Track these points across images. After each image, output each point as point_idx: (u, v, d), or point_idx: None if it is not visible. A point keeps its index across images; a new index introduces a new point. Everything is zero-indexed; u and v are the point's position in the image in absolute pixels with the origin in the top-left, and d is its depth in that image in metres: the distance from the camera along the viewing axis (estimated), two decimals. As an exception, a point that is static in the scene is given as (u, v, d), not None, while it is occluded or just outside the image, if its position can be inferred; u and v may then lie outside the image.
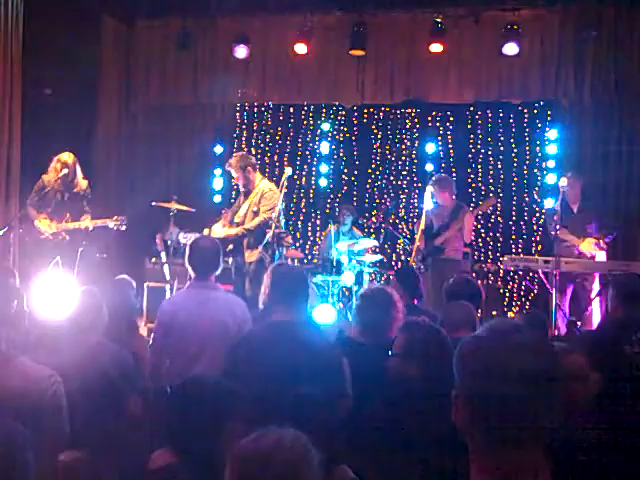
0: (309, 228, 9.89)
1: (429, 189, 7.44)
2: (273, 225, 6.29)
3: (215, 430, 2.19)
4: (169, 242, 7.73)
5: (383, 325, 3.54)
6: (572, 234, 6.99)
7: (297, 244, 9.38)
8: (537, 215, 9.04)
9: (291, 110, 9.90)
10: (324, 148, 9.84)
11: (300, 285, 3.29)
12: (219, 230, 6.61)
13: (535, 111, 9.12)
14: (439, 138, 9.48)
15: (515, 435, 1.36)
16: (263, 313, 3.61)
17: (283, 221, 6.84)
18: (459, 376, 1.43)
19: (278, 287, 3.32)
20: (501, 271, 8.59)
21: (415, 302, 4.92)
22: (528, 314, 5.41)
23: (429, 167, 9.39)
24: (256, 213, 6.50)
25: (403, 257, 9.14)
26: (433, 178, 7.73)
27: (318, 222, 9.84)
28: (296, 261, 8.38)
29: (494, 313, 7.74)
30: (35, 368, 2.79)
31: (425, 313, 5.04)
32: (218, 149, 9.72)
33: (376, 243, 8.50)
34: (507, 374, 1.34)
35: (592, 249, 6.90)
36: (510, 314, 8.53)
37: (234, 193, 9.49)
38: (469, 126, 9.40)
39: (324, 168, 9.89)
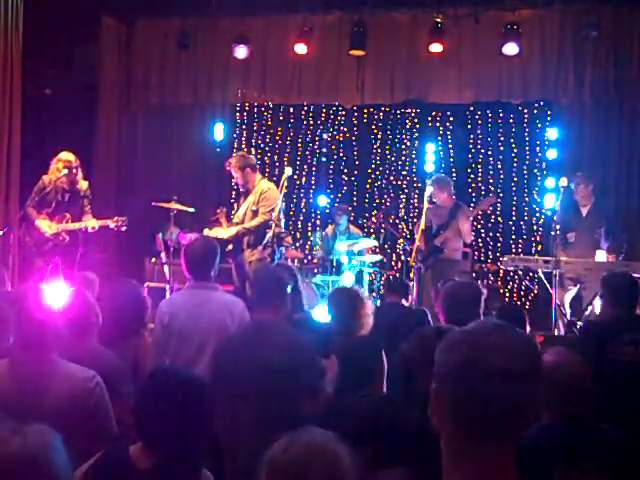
0: (309, 228, 9.89)
1: (428, 189, 7.44)
2: (273, 225, 6.29)
3: (185, 425, 2.16)
4: (169, 242, 7.72)
5: (350, 322, 3.62)
6: (579, 239, 6.97)
7: (297, 244, 9.38)
8: (537, 215, 9.05)
9: (291, 110, 9.90)
10: (324, 148, 9.83)
11: (275, 286, 3.34)
12: (221, 232, 6.62)
13: (535, 111, 9.12)
14: (439, 138, 9.48)
15: (489, 432, 1.36)
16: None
17: (283, 221, 6.84)
18: (441, 368, 1.43)
19: (256, 288, 3.45)
20: (501, 271, 8.58)
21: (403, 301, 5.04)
22: (504, 309, 5.32)
23: (429, 167, 9.39)
24: (255, 213, 6.50)
25: (403, 257, 9.14)
26: (432, 178, 7.73)
27: (318, 222, 9.84)
28: (296, 261, 8.38)
29: (494, 313, 7.72)
30: (78, 369, 2.78)
31: (412, 311, 5.12)
32: (218, 149, 9.71)
33: (376, 243, 8.51)
34: (489, 371, 1.35)
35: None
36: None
37: (234, 193, 9.50)
38: (469, 126, 9.40)
39: (324, 168, 9.89)
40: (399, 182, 9.67)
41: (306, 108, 9.86)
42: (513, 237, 9.20)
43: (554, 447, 2.56)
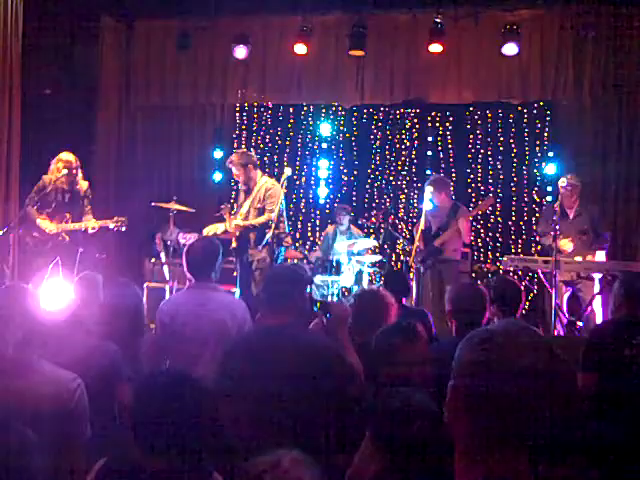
0: (309, 228, 9.89)
1: (428, 189, 7.44)
2: (273, 225, 6.28)
3: (185, 429, 2.12)
4: (169, 242, 7.73)
5: (377, 325, 3.54)
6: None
7: (297, 244, 9.38)
8: (537, 215, 9.04)
9: (291, 110, 9.90)
10: (324, 148, 9.84)
11: (289, 287, 3.10)
12: (220, 228, 6.60)
13: (534, 111, 9.13)
14: (438, 138, 9.49)
15: (506, 431, 1.36)
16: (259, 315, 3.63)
17: (286, 222, 6.83)
18: (461, 366, 1.42)
19: (266, 290, 3.20)
20: (501, 271, 8.57)
21: (403, 301, 4.94)
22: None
23: (428, 167, 9.39)
24: (260, 210, 6.47)
25: (403, 257, 9.14)
26: (430, 179, 7.73)
27: (318, 222, 9.85)
28: (295, 261, 8.38)
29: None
30: (58, 372, 2.75)
31: (413, 311, 5.09)
32: (217, 150, 9.71)
33: (375, 243, 8.51)
34: (510, 371, 1.35)
35: (569, 247, 6.89)
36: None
37: (233, 193, 9.50)
38: (468, 126, 9.40)
39: (323, 168, 9.89)
40: (399, 182, 9.67)
41: (306, 108, 9.87)
42: (513, 237, 9.20)
43: (540, 439, 2.55)
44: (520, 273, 8.55)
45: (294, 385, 2.73)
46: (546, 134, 9.08)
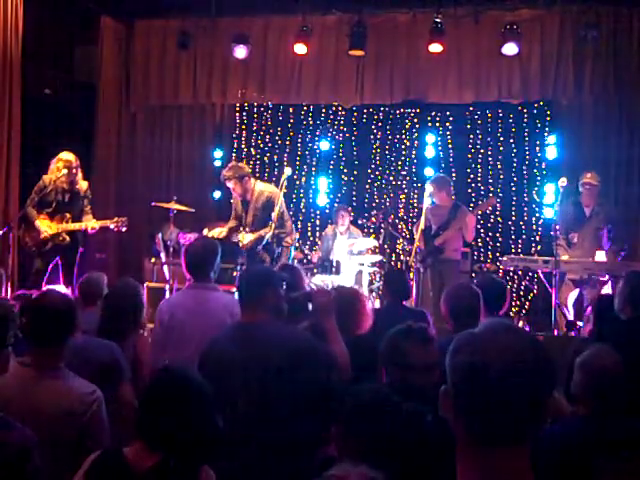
0: (309, 228, 9.89)
1: (428, 189, 7.44)
2: (273, 226, 6.29)
3: (188, 424, 2.15)
4: (168, 242, 7.73)
5: (348, 323, 3.53)
6: (583, 240, 6.95)
7: (297, 244, 9.38)
8: (537, 215, 9.05)
9: (291, 110, 9.90)
10: (324, 148, 9.84)
11: (260, 287, 3.07)
12: (221, 232, 6.63)
13: (534, 111, 9.13)
14: (438, 138, 9.48)
15: (499, 434, 1.35)
16: None
17: (290, 222, 6.85)
18: (449, 371, 1.41)
19: (238, 290, 3.21)
20: (501, 271, 8.58)
21: (403, 302, 4.93)
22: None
23: (428, 167, 9.39)
24: (265, 217, 6.51)
25: (403, 257, 9.13)
26: (431, 178, 7.73)
27: (318, 222, 9.85)
28: (295, 261, 8.38)
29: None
30: (79, 382, 2.77)
31: (413, 312, 5.08)
32: (217, 150, 9.71)
33: (375, 243, 8.51)
34: (494, 374, 1.34)
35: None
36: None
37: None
38: (468, 126, 9.40)
39: (323, 168, 9.89)
40: (399, 182, 9.67)
41: (306, 108, 9.87)
42: (513, 237, 9.20)
43: (591, 437, 2.59)
44: (520, 273, 8.56)
45: (265, 378, 2.75)
46: (546, 134, 9.08)
